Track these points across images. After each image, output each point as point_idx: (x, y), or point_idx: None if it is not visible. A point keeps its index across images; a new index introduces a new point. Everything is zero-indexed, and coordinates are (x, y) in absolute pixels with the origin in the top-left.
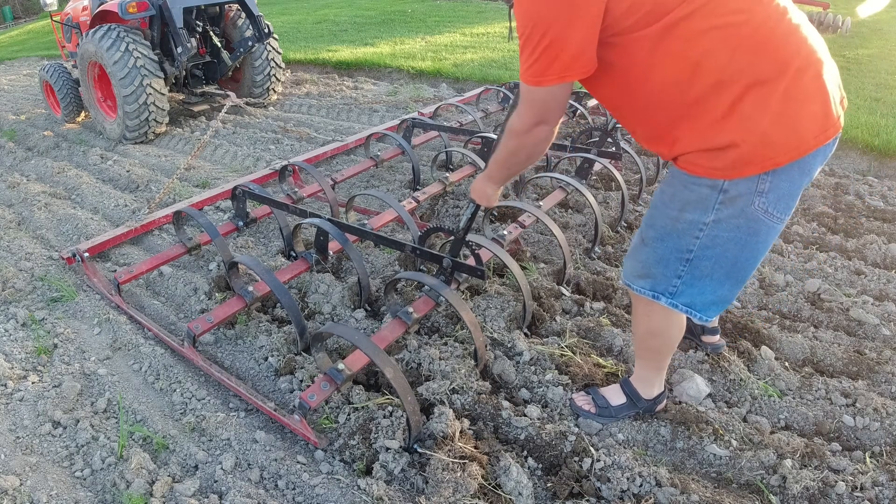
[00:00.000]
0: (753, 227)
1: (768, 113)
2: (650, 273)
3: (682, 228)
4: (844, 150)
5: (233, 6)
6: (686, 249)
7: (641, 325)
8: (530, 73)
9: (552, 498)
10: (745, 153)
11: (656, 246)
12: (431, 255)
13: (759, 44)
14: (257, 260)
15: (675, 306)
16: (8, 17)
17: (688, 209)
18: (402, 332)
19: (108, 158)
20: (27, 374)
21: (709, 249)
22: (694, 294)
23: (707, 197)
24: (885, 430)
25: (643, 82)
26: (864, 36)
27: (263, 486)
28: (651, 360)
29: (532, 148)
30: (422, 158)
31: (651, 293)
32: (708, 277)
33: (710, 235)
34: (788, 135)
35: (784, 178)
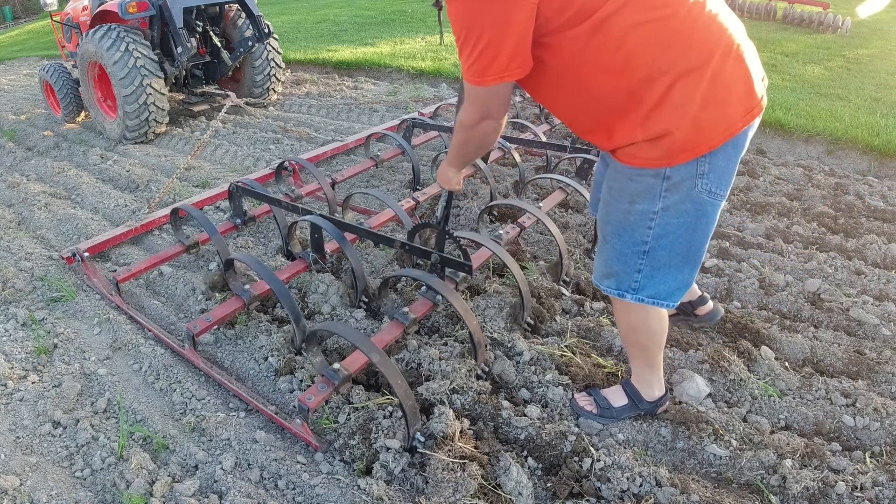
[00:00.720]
0: (700, 209)
1: (697, 100)
2: (613, 271)
3: (634, 221)
4: (844, 150)
5: (233, 6)
6: (641, 241)
7: (622, 321)
8: (470, 73)
9: (552, 498)
10: (680, 140)
11: (615, 242)
12: (421, 250)
13: (685, 35)
14: (253, 256)
15: (641, 301)
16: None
17: (637, 200)
18: (399, 332)
19: (108, 158)
20: (27, 374)
21: (663, 238)
22: (656, 285)
23: (653, 186)
24: (885, 430)
25: (577, 79)
26: (864, 36)
27: (263, 486)
28: (640, 356)
29: (480, 140)
30: (422, 158)
31: (616, 291)
32: (666, 266)
33: (661, 224)
34: (718, 118)
35: (721, 157)
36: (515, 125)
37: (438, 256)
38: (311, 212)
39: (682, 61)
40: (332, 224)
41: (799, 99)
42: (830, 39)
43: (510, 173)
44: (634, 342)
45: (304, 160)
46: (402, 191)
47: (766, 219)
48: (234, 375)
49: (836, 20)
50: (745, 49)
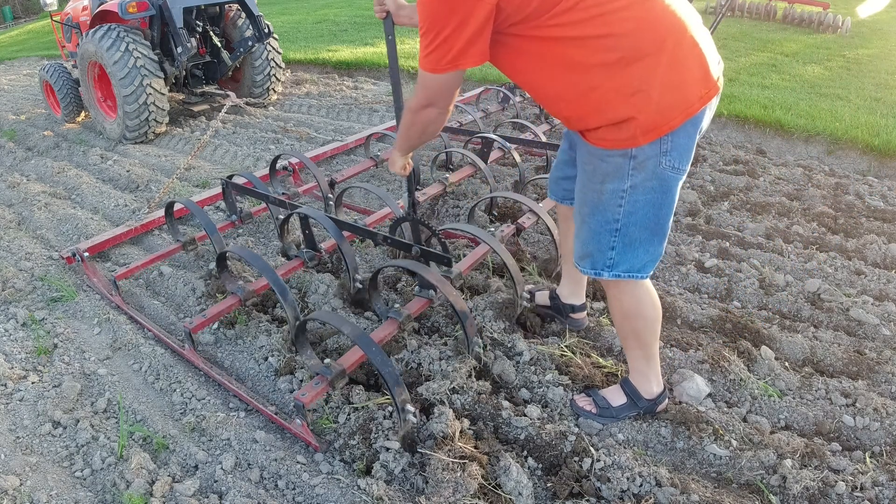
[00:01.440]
0: (665, 185)
1: (656, 84)
2: (588, 251)
3: (606, 200)
4: (844, 150)
5: (233, 6)
6: (613, 220)
7: (615, 310)
8: (427, 61)
9: (552, 498)
10: (644, 123)
11: (590, 222)
12: (401, 243)
13: (641, 24)
14: (245, 247)
15: (618, 277)
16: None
17: (608, 180)
18: (394, 329)
19: (108, 158)
20: (27, 374)
21: (633, 215)
22: (629, 260)
23: (621, 166)
24: (885, 430)
25: (546, 68)
26: (864, 36)
27: (263, 486)
28: (636, 347)
29: (423, 126)
30: (422, 158)
31: (592, 271)
32: (637, 241)
33: (630, 201)
34: (677, 99)
35: (682, 135)
36: (515, 125)
37: (419, 249)
38: (295, 204)
39: (639, 49)
40: (319, 214)
41: (799, 99)
42: (830, 39)
43: (510, 173)
44: (629, 331)
45: (300, 154)
46: (403, 191)
47: (766, 219)
48: (234, 375)
49: (836, 20)
50: (698, 37)
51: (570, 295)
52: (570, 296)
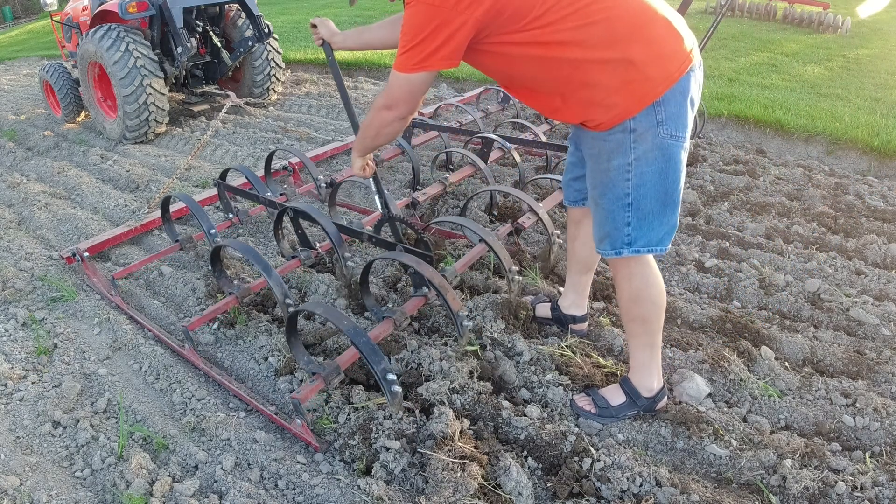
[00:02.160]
0: (667, 154)
1: (637, 59)
2: (606, 232)
3: (614, 176)
4: (844, 150)
5: (233, 6)
6: (623, 194)
7: (624, 293)
8: (399, 61)
9: (552, 498)
10: (633, 93)
11: (602, 202)
12: (385, 242)
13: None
14: (237, 240)
15: (637, 252)
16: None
17: (613, 157)
18: (389, 327)
19: (108, 158)
20: (27, 374)
21: (641, 188)
22: (647, 234)
23: (622, 141)
24: (885, 430)
25: (539, 71)
26: (864, 36)
27: (263, 486)
28: (642, 334)
29: (378, 127)
30: (422, 158)
31: (612, 251)
32: (651, 213)
33: (637, 174)
34: (659, 71)
35: (671, 104)
36: (515, 125)
37: (402, 248)
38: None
39: (615, 32)
40: (309, 206)
41: (799, 99)
42: (830, 39)
43: (510, 173)
44: (636, 315)
45: (295, 150)
46: (403, 191)
47: (766, 219)
48: (234, 375)
49: (836, 20)
50: (666, 14)
51: (572, 306)
52: (572, 306)
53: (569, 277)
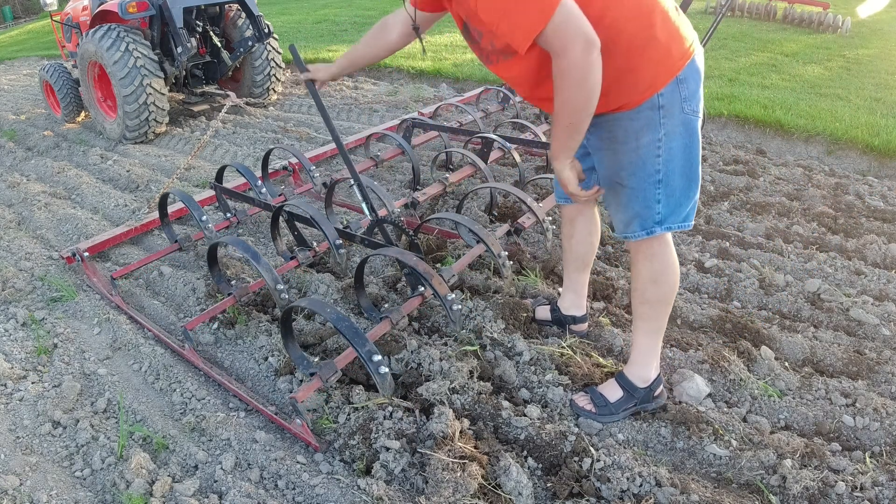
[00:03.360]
0: (690, 128)
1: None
2: (634, 213)
3: (644, 154)
4: (844, 150)
5: (233, 6)
6: (654, 171)
7: (644, 274)
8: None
9: (552, 498)
10: (658, 67)
11: (630, 182)
12: (376, 244)
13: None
14: (234, 237)
15: (669, 229)
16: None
17: (642, 134)
18: (386, 327)
19: (108, 158)
20: (27, 374)
21: (671, 163)
22: (677, 210)
23: (651, 117)
24: (885, 430)
25: None
26: (864, 36)
27: (263, 486)
28: (651, 318)
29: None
30: (422, 158)
31: (644, 232)
32: (679, 189)
33: (666, 149)
34: (678, 45)
35: (691, 81)
36: (515, 125)
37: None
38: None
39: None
40: (303, 202)
41: (799, 99)
42: (830, 39)
43: (510, 173)
44: (652, 297)
45: (290, 147)
46: (403, 190)
47: (766, 219)
48: (234, 375)
49: (836, 20)
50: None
51: (571, 306)
52: (571, 307)
53: (566, 277)
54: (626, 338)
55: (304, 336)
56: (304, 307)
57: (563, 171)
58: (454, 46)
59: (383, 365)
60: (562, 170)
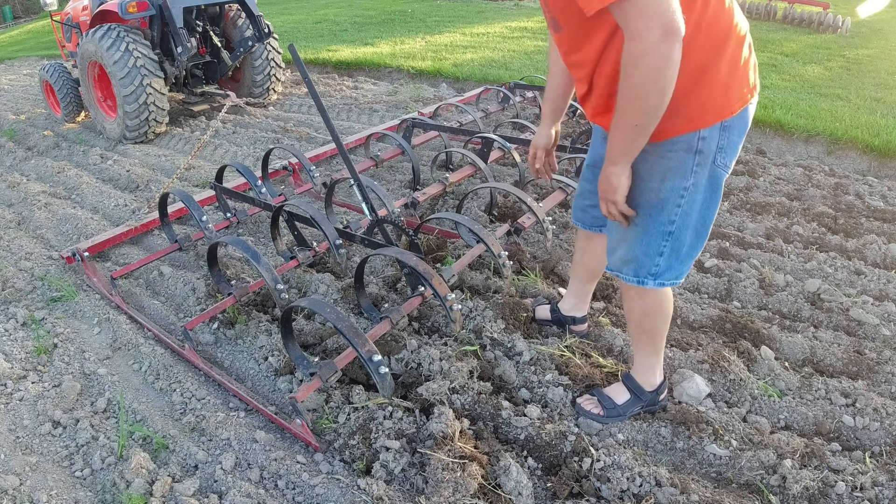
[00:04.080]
0: (716, 183)
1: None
2: (633, 256)
3: (664, 198)
4: (844, 150)
5: (233, 6)
6: (668, 221)
7: (635, 308)
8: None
9: (552, 498)
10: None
11: (641, 222)
12: (376, 243)
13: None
14: (234, 237)
15: (661, 286)
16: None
17: (668, 177)
18: (386, 326)
19: (108, 158)
20: (27, 373)
21: (688, 217)
22: (675, 267)
23: (684, 161)
24: (885, 430)
25: None
26: (864, 36)
27: (263, 486)
28: (649, 343)
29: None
30: (422, 158)
31: (635, 279)
32: (685, 246)
33: (689, 200)
34: (738, 87)
35: (734, 130)
36: (515, 125)
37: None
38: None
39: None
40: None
41: (799, 99)
42: (830, 39)
43: (510, 173)
44: (647, 327)
45: (289, 147)
46: (403, 190)
47: (766, 219)
48: (234, 375)
49: (836, 20)
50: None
51: (573, 308)
52: (573, 309)
53: (573, 284)
54: (626, 338)
55: (304, 336)
56: (304, 307)
57: (621, 177)
58: (454, 46)
59: (383, 365)
60: (619, 175)
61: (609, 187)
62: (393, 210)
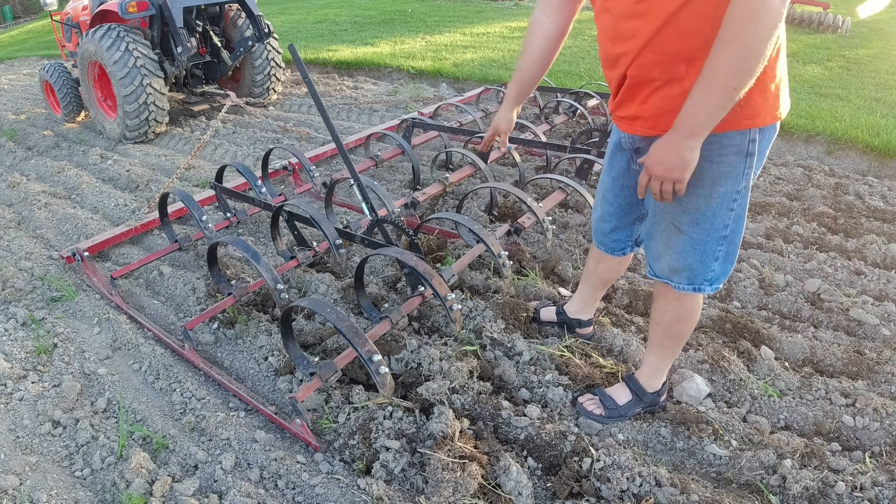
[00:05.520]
0: (749, 186)
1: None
2: (687, 264)
3: (717, 205)
4: (844, 150)
5: (233, 6)
6: (723, 226)
7: (669, 313)
8: None
9: (552, 498)
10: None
11: (692, 231)
12: (376, 243)
13: None
14: (234, 236)
15: (716, 289)
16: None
17: (720, 182)
18: (386, 326)
19: (108, 158)
20: (27, 373)
21: (740, 220)
22: (727, 269)
23: (736, 165)
24: (885, 430)
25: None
26: (864, 36)
27: (263, 486)
28: (670, 347)
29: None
30: (422, 158)
31: (690, 287)
32: (736, 248)
33: (741, 204)
34: (784, 93)
35: (768, 135)
36: (515, 125)
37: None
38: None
39: None
40: (302, 209)
41: (799, 99)
42: (830, 39)
43: (510, 173)
44: (675, 332)
45: (289, 147)
46: (403, 190)
47: (766, 219)
48: (234, 375)
49: (836, 20)
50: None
51: (579, 311)
52: (578, 312)
53: (583, 289)
54: (626, 338)
55: (304, 336)
56: (304, 307)
57: (695, 151)
58: (454, 46)
59: (383, 365)
60: (694, 150)
61: (680, 163)
62: (393, 210)
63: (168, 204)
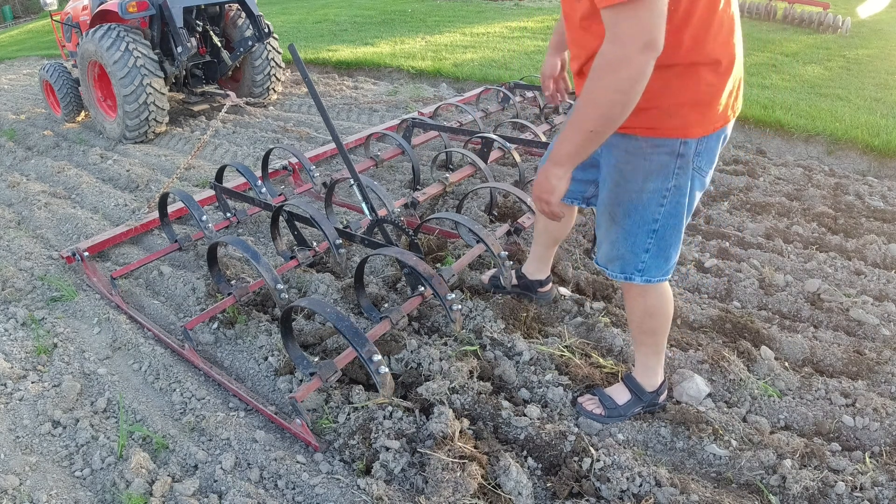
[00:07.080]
0: (692, 184)
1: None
2: (619, 254)
3: (647, 199)
4: (844, 150)
5: (233, 6)
6: (652, 220)
7: (637, 309)
8: None
9: (552, 498)
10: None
11: (624, 223)
12: (376, 243)
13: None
14: (234, 236)
15: (648, 282)
16: (8, 17)
17: (651, 178)
18: (386, 326)
19: (107, 158)
20: (27, 373)
21: (671, 217)
22: (661, 264)
23: (666, 164)
24: (885, 430)
25: None
26: (864, 36)
27: (263, 486)
28: (651, 343)
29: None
30: (422, 158)
31: (622, 275)
32: (669, 244)
33: (671, 202)
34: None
35: (714, 142)
36: (515, 125)
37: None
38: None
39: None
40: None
41: (799, 99)
42: (830, 39)
43: (510, 173)
44: (648, 329)
45: (289, 147)
46: (403, 190)
47: (766, 219)
48: (234, 375)
49: (836, 20)
50: (741, 60)
51: (536, 272)
52: (536, 272)
53: (535, 248)
54: (626, 338)
55: (304, 336)
56: (304, 307)
57: (562, 181)
58: (454, 46)
59: (383, 365)
60: (561, 178)
61: (548, 187)
62: (393, 210)
63: (168, 204)
